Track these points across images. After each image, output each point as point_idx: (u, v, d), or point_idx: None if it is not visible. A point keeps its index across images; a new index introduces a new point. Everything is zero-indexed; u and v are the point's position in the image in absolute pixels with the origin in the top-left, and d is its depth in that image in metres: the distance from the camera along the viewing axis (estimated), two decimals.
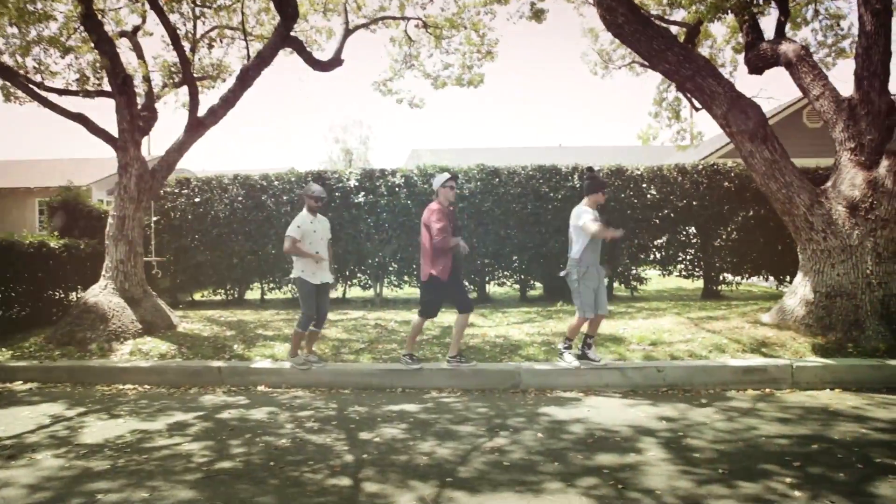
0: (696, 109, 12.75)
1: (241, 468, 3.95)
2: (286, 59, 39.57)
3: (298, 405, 5.46)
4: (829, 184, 6.85)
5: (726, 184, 10.08)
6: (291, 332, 6.69)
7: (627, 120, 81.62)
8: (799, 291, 6.86)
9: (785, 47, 7.31)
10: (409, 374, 6.04)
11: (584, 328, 6.05)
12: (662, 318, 7.73)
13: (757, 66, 7.88)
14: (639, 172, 10.30)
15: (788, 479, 3.50)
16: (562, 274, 6.13)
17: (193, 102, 7.83)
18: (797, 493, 3.30)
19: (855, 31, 9.68)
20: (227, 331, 7.75)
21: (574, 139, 70.11)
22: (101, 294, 7.38)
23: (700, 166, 10.31)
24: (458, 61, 12.46)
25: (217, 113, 7.93)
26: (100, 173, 22.92)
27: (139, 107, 8.11)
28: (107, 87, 7.91)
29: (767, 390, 5.66)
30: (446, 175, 6.15)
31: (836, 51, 10.83)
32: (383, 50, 12.79)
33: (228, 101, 7.95)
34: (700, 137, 14.76)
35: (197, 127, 7.85)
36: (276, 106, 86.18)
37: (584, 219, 5.82)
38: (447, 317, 8.16)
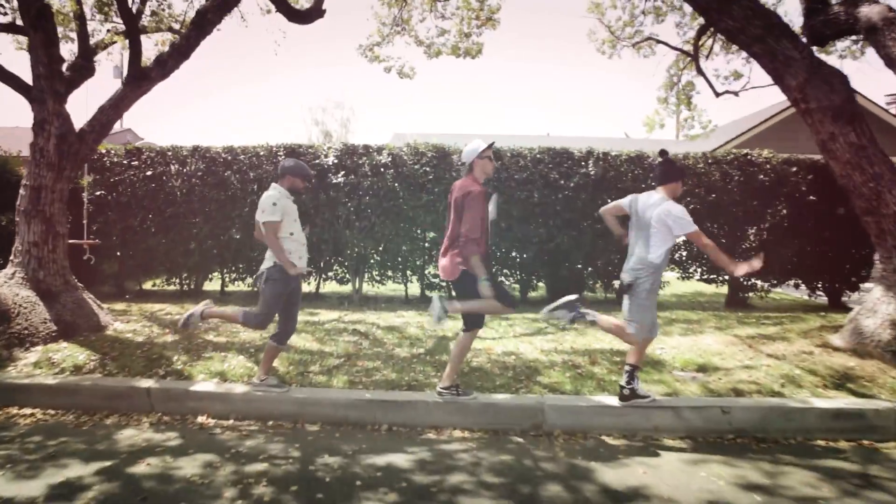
0: (717, 94, 11.47)
1: None
2: (259, 24, 37.16)
3: (248, 452, 4.00)
4: None
5: (761, 177, 8.75)
6: (245, 330, 5.21)
7: (617, 112, 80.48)
8: (880, 310, 5.56)
9: (867, 10, 5.94)
10: (396, 409, 4.61)
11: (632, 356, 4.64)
12: (704, 335, 6.40)
13: (823, 34, 6.51)
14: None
15: None
16: (626, 281, 4.62)
17: (135, 48, 6.21)
18: None
19: None
20: (169, 335, 6.23)
21: (562, 129, 68.73)
22: (6, 285, 5.80)
23: (731, 156, 8.96)
24: (455, 27, 11.06)
25: (166, 63, 6.35)
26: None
27: (75, 55, 6.52)
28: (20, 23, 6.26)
29: (866, 442, 4.34)
30: (481, 142, 4.58)
31: None
32: (370, 12, 11.12)
33: (181, 49, 6.38)
34: (710, 126, 13.48)
35: (140, 79, 6.26)
36: (250, 84, 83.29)
37: (685, 216, 4.37)
38: (450, 324, 6.77)
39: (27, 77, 6.11)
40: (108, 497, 3.33)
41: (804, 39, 6.58)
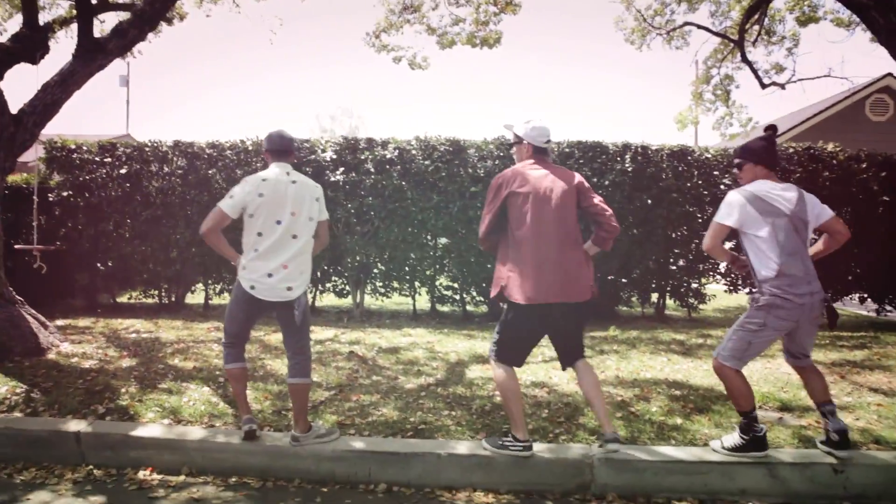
0: (764, 86, 10.38)
1: None
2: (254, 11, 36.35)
3: None
4: None
5: (826, 173, 7.59)
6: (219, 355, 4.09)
7: (639, 114, 79.23)
8: None
9: None
10: (398, 462, 3.49)
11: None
12: (777, 360, 5.23)
13: None
14: (709, 155, 7.80)
15: None
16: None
17: (84, 14, 5.18)
18: None
19: None
20: (125, 359, 5.16)
21: (578, 136, 67.75)
22: None
23: (791, 149, 7.80)
24: (471, 16, 10.11)
25: (127, 33, 5.32)
26: None
27: (21, 27, 5.51)
28: None
29: None
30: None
31: None
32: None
33: (144, 16, 5.34)
34: (751, 125, 12.36)
35: (92, 51, 5.22)
36: (255, 89, 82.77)
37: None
38: (453, 341, 5.69)
39: None
40: None
41: None
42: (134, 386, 4.46)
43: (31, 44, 5.42)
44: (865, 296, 8.15)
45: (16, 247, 6.83)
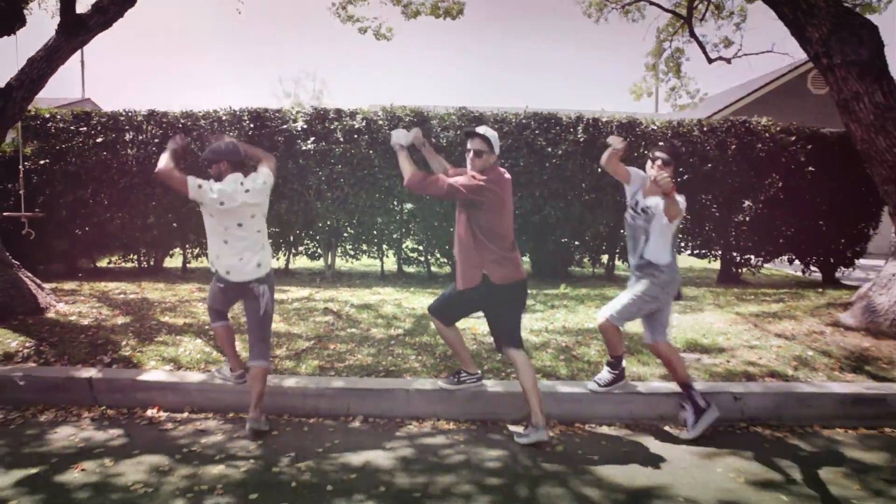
0: (710, 60, 11.01)
1: None
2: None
3: (202, 451, 3.46)
4: None
5: (759, 146, 8.33)
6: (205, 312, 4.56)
7: (593, 88, 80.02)
8: (894, 287, 5.17)
9: None
10: (372, 397, 4.10)
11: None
12: (705, 313, 5.99)
13: None
14: (655, 127, 8.44)
15: None
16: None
17: None
18: None
19: None
20: (119, 316, 5.62)
21: (539, 103, 68.20)
22: None
23: (727, 123, 8.50)
24: None
25: (107, 10, 5.62)
26: None
27: None
28: None
29: (887, 430, 3.96)
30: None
31: (863, 4, 9.33)
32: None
33: None
34: (699, 96, 13.04)
35: (75, 27, 5.52)
36: (217, 54, 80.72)
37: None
38: (419, 298, 6.28)
39: None
40: None
41: None
42: (132, 339, 4.95)
43: (6, 17, 5.67)
44: (794, 257, 9.00)
45: (4, 214, 7.11)
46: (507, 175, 3.80)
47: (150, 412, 4.09)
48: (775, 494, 3.03)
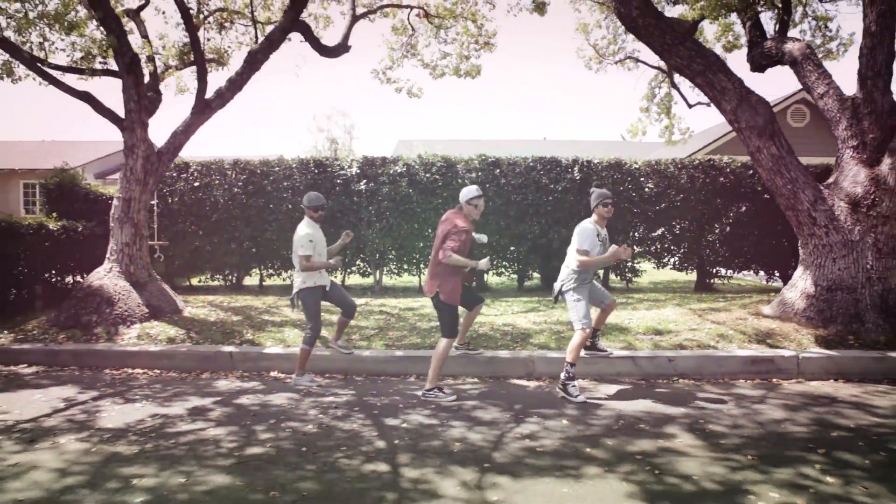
0: (690, 106, 12.97)
1: (274, 454, 3.95)
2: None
3: (316, 391, 5.47)
4: (831, 180, 7.02)
5: (722, 179, 10.25)
6: (294, 311, 6.31)
7: (609, 117, 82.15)
8: (799, 285, 7.03)
9: (790, 46, 7.44)
10: (422, 363, 6.08)
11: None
12: (665, 309, 7.86)
13: (760, 64, 8.01)
14: (637, 166, 10.42)
15: (818, 465, 3.62)
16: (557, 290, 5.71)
17: (202, 84, 7.72)
18: (829, 479, 3.43)
19: (843, 33, 9.84)
20: (233, 316, 7.70)
21: (557, 133, 70.55)
22: (107, 277, 7.28)
23: (697, 161, 10.46)
24: (456, 51, 12.50)
25: (224, 95, 7.84)
26: (86, 156, 22.48)
27: (150, 92, 7.98)
28: (112, 66, 7.76)
29: (775, 380, 5.82)
30: (474, 190, 5.37)
31: (825, 52, 11.10)
32: (371, 40, 12.49)
33: (236, 83, 7.86)
34: (688, 133, 14.97)
35: (204, 109, 7.75)
36: (256, 95, 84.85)
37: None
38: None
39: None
40: (230, 414, 4.80)
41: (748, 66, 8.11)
42: (250, 329, 7.03)
43: (157, 101, 7.94)
44: (758, 268, 10.82)
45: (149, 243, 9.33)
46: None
47: (273, 374, 6.13)
48: (677, 408, 4.91)
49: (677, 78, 12.50)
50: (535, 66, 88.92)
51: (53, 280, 8.92)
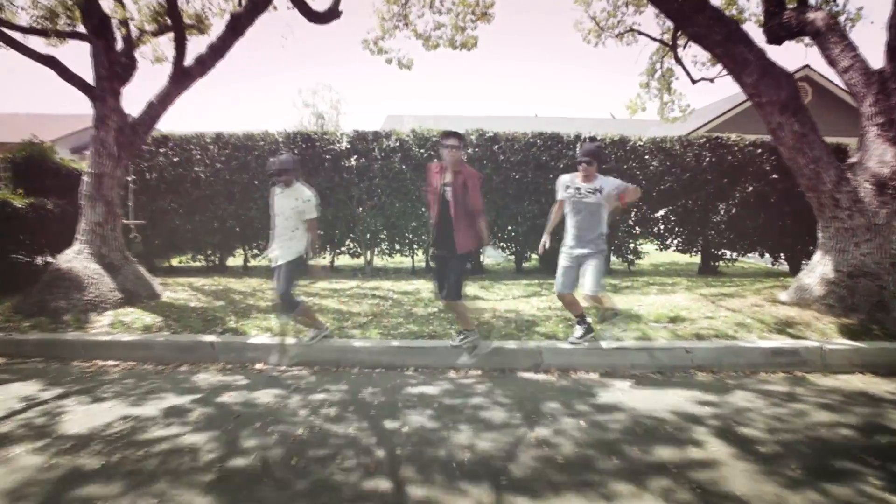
0: (694, 81, 12.47)
1: (260, 467, 3.48)
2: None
3: (306, 387, 5.00)
4: (854, 159, 6.58)
5: (729, 158, 9.80)
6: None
7: (603, 94, 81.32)
8: (818, 270, 6.63)
9: (813, 15, 6.94)
10: (421, 354, 5.62)
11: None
12: (676, 295, 7.45)
13: (779, 35, 7.50)
14: (641, 144, 9.93)
15: (875, 481, 3.22)
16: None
17: (180, 50, 7.08)
18: (894, 499, 3.03)
19: (850, 7, 9.36)
20: (215, 301, 7.19)
21: (550, 110, 69.74)
22: (76, 259, 6.71)
23: (703, 139, 9.99)
24: (451, 22, 11.89)
25: (205, 62, 7.22)
26: (61, 130, 21.57)
27: (121, 54, 7.33)
28: (81, 29, 7.09)
29: (798, 373, 5.43)
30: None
31: None
32: (362, 10, 11.85)
33: (218, 50, 7.24)
34: (689, 110, 14.49)
35: (183, 77, 7.13)
36: (238, 68, 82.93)
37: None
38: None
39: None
40: (211, 416, 4.32)
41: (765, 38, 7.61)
42: (233, 316, 6.52)
43: (131, 69, 7.29)
44: (764, 251, 10.44)
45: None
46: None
47: (258, 366, 5.63)
48: (703, 407, 4.50)
49: (681, 52, 12.00)
50: (527, 42, 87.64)
51: (22, 262, 8.30)
